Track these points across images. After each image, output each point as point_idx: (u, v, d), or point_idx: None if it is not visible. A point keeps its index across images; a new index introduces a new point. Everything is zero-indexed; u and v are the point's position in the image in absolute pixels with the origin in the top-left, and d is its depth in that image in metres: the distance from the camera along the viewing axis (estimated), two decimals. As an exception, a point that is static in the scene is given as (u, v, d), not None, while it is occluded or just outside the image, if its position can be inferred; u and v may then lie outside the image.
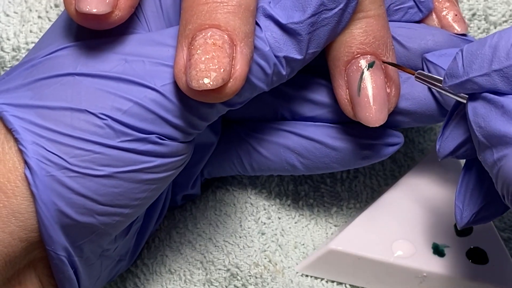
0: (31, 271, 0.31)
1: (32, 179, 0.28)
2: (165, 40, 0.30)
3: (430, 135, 0.42)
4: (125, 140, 0.29)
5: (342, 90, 0.33)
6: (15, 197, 0.29)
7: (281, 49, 0.30)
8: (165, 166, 0.31)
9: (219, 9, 0.29)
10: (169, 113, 0.30)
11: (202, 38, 0.29)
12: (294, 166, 0.36)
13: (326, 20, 0.31)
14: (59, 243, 0.29)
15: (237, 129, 0.38)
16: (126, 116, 0.29)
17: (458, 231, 0.37)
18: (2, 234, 0.29)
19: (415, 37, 0.35)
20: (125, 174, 0.30)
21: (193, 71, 0.28)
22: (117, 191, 0.30)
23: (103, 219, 0.30)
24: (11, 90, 0.30)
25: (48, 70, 0.30)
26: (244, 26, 0.29)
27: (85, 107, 0.29)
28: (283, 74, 0.31)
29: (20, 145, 0.29)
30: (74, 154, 0.29)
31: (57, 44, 0.31)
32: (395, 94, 0.33)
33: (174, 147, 0.31)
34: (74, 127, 0.29)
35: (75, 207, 0.29)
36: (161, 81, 0.30)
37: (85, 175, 0.29)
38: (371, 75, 0.32)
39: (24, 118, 0.29)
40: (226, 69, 0.28)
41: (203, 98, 0.29)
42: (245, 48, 0.29)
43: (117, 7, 0.29)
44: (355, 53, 0.32)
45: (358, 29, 0.32)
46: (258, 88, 0.31)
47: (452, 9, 0.36)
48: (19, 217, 0.29)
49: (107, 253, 0.33)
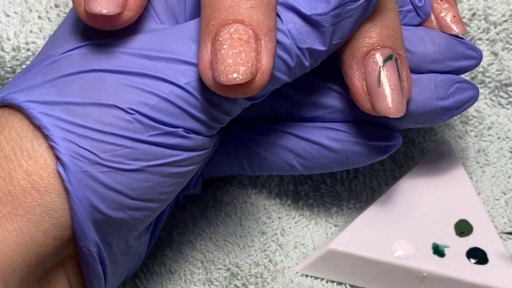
0: (60, 271, 0.31)
1: (66, 176, 0.28)
2: (185, 36, 0.30)
3: (430, 135, 0.42)
4: (153, 134, 0.29)
5: (359, 81, 0.32)
6: (49, 194, 0.29)
7: (305, 41, 0.30)
8: (191, 160, 0.31)
9: (242, 4, 0.29)
10: (194, 108, 0.30)
11: (227, 33, 0.28)
12: (293, 166, 0.36)
13: (351, 12, 0.30)
14: (92, 239, 0.29)
15: (236, 129, 0.38)
16: (153, 110, 0.29)
17: (458, 231, 0.37)
18: (37, 233, 0.28)
19: (414, 39, 0.35)
20: (154, 168, 0.30)
21: (221, 66, 0.28)
22: (147, 185, 0.30)
23: (133, 214, 0.30)
24: (33, 87, 0.30)
25: (70, 67, 0.30)
26: (267, 20, 0.29)
27: (113, 102, 0.29)
28: (307, 66, 0.31)
29: (51, 141, 0.29)
30: (106, 149, 0.29)
31: (73, 42, 0.31)
32: (408, 88, 0.33)
33: (200, 140, 0.31)
34: (104, 122, 0.29)
35: (107, 202, 0.29)
36: (184, 78, 0.30)
37: (117, 170, 0.29)
38: (390, 67, 0.32)
39: (51, 114, 0.29)
40: (254, 63, 0.28)
41: (231, 93, 0.29)
42: (269, 42, 0.29)
43: (126, 7, 0.29)
44: (375, 45, 0.32)
45: (379, 21, 0.32)
46: (281, 81, 0.31)
47: (451, 10, 0.36)
48: (53, 214, 0.29)
49: (130, 250, 0.34)
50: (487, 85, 0.43)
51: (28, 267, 0.29)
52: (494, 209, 0.40)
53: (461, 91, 0.34)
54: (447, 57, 0.35)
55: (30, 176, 0.29)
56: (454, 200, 0.38)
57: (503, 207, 0.40)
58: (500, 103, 0.43)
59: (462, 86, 0.35)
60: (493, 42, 0.43)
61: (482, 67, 0.42)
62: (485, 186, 0.41)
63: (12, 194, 0.28)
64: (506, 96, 0.43)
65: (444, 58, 0.35)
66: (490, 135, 0.42)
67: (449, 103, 0.34)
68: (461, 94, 0.34)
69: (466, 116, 0.42)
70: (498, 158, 0.42)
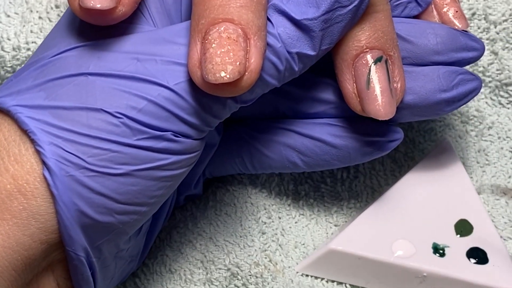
0: (49, 275, 0.31)
1: (52, 180, 0.28)
2: (175, 38, 0.30)
3: (430, 135, 0.42)
4: (141, 138, 0.29)
5: (349, 84, 0.33)
6: (35, 198, 0.29)
7: (294, 45, 0.30)
8: (180, 163, 0.31)
9: (232, 3, 0.29)
10: (183, 111, 0.30)
11: (216, 32, 0.28)
12: (295, 163, 0.36)
13: (341, 17, 0.31)
14: (79, 244, 0.29)
15: (237, 128, 0.38)
16: (141, 114, 0.29)
17: (458, 231, 0.37)
18: (23, 237, 0.29)
19: (416, 31, 0.35)
20: (142, 172, 0.30)
21: (209, 65, 0.28)
22: (135, 189, 0.30)
23: (121, 218, 0.30)
24: (22, 91, 0.30)
25: (59, 70, 0.30)
26: (257, 19, 0.29)
27: (101, 106, 0.29)
28: (296, 70, 0.31)
29: (37, 146, 0.29)
30: (92, 154, 0.29)
31: (65, 44, 0.31)
32: (401, 89, 0.33)
33: (188, 144, 0.31)
34: (91, 126, 0.29)
35: (94, 206, 0.29)
36: (174, 79, 0.30)
37: (104, 174, 0.29)
38: (380, 69, 0.32)
39: (39, 119, 0.29)
40: (242, 62, 0.28)
41: (219, 92, 0.29)
42: (258, 41, 0.29)
43: (120, 2, 0.29)
44: (364, 47, 0.32)
45: (368, 23, 0.32)
46: (270, 85, 0.31)
47: (453, 6, 0.36)
48: (39, 218, 0.29)
49: (121, 254, 0.34)
50: (487, 85, 0.43)
51: (15, 271, 0.29)
52: (494, 209, 0.40)
53: (464, 82, 0.34)
54: (449, 49, 0.35)
55: (16, 180, 0.29)
56: (454, 200, 0.38)
57: (503, 207, 0.40)
58: (500, 103, 0.43)
59: (466, 77, 0.34)
60: (493, 41, 0.43)
61: (482, 67, 0.42)
62: (486, 186, 0.41)
63: None
64: (506, 95, 0.43)
65: (446, 49, 0.35)
66: (491, 134, 0.42)
67: (453, 94, 0.34)
68: (465, 86, 0.34)
69: (466, 115, 0.42)
70: (499, 158, 0.42)
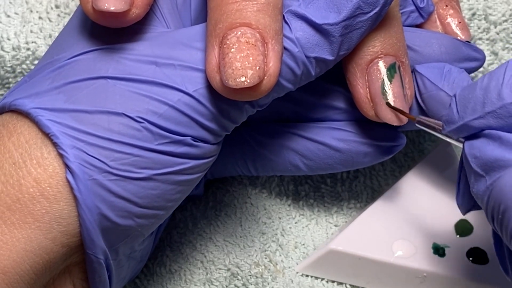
0: (66, 276, 0.31)
1: (75, 184, 0.28)
2: (192, 42, 0.30)
3: (430, 136, 0.42)
4: (162, 143, 0.29)
5: (363, 89, 0.33)
6: (58, 202, 0.29)
7: (313, 50, 0.30)
8: (198, 168, 0.31)
9: (248, 8, 0.29)
10: (202, 116, 0.30)
11: (234, 36, 0.29)
12: (298, 167, 0.36)
13: (361, 23, 0.31)
14: (100, 247, 0.29)
15: (240, 131, 0.38)
16: (162, 119, 0.29)
17: (458, 231, 0.37)
18: (45, 240, 0.29)
19: (420, 40, 0.35)
20: (162, 176, 0.30)
21: (229, 70, 0.28)
22: (155, 193, 0.30)
23: (140, 221, 0.30)
24: (41, 93, 0.30)
25: (78, 73, 0.30)
26: (273, 23, 0.29)
27: (122, 110, 0.29)
28: (312, 75, 0.31)
29: (60, 149, 0.29)
30: (114, 158, 0.29)
31: (80, 47, 0.31)
32: (411, 95, 0.34)
33: (207, 148, 0.31)
34: (113, 130, 0.29)
35: (116, 210, 0.29)
36: (192, 86, 0.30)
37: (126, 178, 0.29)
38: (394, 76, 0.33)
39: (61, 122, 0.29)
40: (261, 66, 0.28)
41: (238, 97, 0.29)
42: (276, 45, 0.29)
43: (134, 4, 0.29)
44: (379, 53, 0.32)
45: (383, 29, 0.32)
46: (286, 89, 0.31)
47: (456, 17, 0.37)
48: (61, 222, 0.29)
49: (134, 255, 0.34)
50: (486, 85, 0.43)
51: (35, 274, 0.29)
52: (494, 209, 0.40)
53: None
54: (453, 59, 0.35)
55: (39, 184, 0.29)
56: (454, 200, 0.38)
57: (503, 207, 0.40)
58: (499, 103, 0.43)
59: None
60: (493, 41, 0.43)
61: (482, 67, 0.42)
62: (485, 186, 0.41)
63: (21, 201, 0.28)
64: (505, 95, 0.43)
65: (450, 59, 0.35)
66: (490, 134, 0.42)
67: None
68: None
69: (465, 115, 0.42)
70: (498, 157, 0.42)
